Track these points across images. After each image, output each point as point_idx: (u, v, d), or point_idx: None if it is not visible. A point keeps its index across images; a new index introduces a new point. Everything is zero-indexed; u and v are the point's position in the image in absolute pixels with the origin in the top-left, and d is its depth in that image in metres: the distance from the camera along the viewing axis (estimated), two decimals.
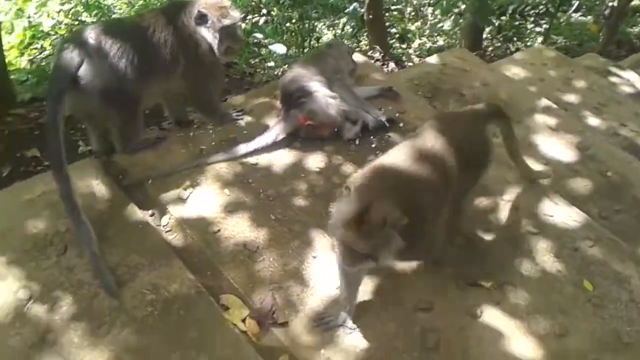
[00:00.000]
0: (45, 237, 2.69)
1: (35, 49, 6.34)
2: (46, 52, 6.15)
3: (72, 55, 2.91)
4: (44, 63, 5.85)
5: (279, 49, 5.73)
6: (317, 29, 7.71)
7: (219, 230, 2.87)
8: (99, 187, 2.97)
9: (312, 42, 7.29)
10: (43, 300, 2.46)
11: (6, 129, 3.85)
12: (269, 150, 3.37)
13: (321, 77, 3.59)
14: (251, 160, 3.30)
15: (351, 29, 7.79)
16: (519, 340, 2.56)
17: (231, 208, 2.99)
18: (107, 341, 2.34)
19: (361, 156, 3.39)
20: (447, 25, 8.47)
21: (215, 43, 3.25)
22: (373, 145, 3.49)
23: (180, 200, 3.01)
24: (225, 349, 2.35)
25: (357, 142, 3.50)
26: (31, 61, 6.10)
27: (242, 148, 3.31)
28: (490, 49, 8.10)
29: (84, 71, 2.93)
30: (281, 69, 5.84)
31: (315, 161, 3.35)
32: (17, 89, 4.48)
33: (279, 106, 3.67)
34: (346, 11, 7.12)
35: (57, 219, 2.75)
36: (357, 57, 4.36)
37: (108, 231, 2.76)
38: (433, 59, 4.78)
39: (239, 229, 2.90)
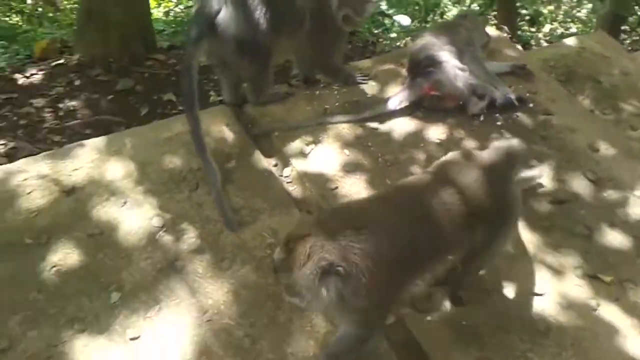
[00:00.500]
0: (180, 173, 2.88)
1: (171, 1, 6.70)
2: (181, 6, 6.48)
3: (212, 3, 3.03)
4: (180, 15, 6.17)
5: (403, 20, 5.69)
6: (442, 4, 7.54)
7: (336, 188, 2.93)
8: (229, 133, 3.12)
9: (435, 17, 7.15)
10: (174, 229, 2.65)
11: (146, 72, 4.13)
12: (391, 116, 3.36)
13: (452, 47, 3.49)
14: (372, 124, 3.32)
15: (478, 7, 7.54)
16: (635, 340, 2.45)
17: (349, 168, 3.04)
18: (228, 275, 2.50)
19: (484, 133, 3.31)
20: (583, 11, 7.96)
21: (335, 7, 3.27)
22: (498, 123, 3.38)
23: (303, 154, 3.10)
24: None
25: (481, 118, 3.40)
26: (167, 13, 6.47)
27: (365, 112, 3.33)
28: (627, 41, 7.52)
29: (222, 18, 3.04)
30: (403, 41, 5.78)
31: (436, 132, 3.30)
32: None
33: (404, 74, 3.64)
34: None
35: (191, 157, 2.92)
36: (491, 30, 4.21)
37: (234, 174, 2.91)
38: (570, 41, 4.52)
39: (355, 189, 2.94)
